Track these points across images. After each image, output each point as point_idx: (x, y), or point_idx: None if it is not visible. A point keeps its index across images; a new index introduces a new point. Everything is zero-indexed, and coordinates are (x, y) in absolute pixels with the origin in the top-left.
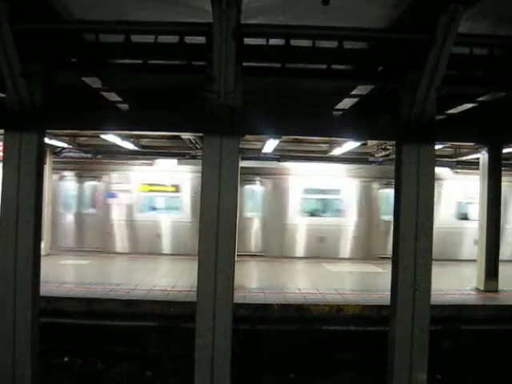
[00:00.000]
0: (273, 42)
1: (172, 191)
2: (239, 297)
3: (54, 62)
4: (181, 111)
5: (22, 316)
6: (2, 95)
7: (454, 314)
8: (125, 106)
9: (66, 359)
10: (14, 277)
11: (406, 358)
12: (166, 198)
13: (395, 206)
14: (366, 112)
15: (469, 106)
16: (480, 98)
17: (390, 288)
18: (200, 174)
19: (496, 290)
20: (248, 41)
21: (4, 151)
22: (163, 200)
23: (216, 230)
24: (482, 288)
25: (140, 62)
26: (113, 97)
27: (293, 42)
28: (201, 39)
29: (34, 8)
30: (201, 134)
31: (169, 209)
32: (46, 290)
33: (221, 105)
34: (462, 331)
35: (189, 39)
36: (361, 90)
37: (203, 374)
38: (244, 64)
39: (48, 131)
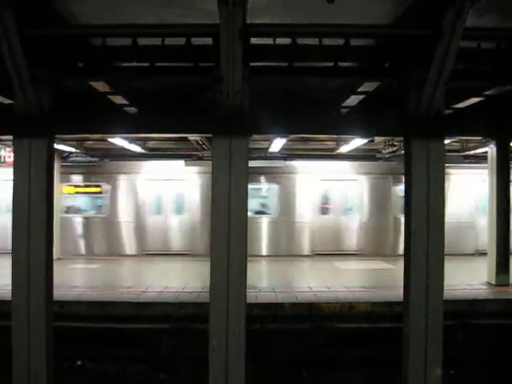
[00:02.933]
0: (279, 41)
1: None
2: None
3: (61, 67)
4: (189, 113)
5: (36, 321)
6: (10, 101)
7: (466, 309)
8: (132, 109)
9: None
10: (28, 282)
11: (421, 353)
12: None
13: (406, 202)
14: (373, 109)
15: (476, 100)
16: (487, 92)
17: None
18: None
19: (508, 284)
20: (254, 40)
21: (14, 157)
22: None
23: (227, 230)
24: (493, 282)
25: (147, 64)
26: (120, 100)
27: (299, 41)
28: (208, 40)
29: (40, 14)
30: (209, 135)
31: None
32: None
33: (229, 105)
34: (474, 326)
35: (196, 41)
36: (367, 86)
37: (218, 375)
38: (251, 64)
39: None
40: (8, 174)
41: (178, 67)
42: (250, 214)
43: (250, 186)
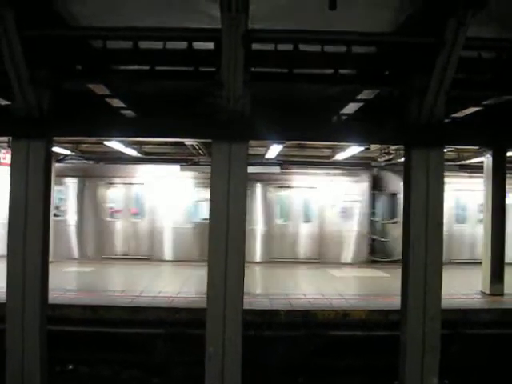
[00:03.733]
0: (280, 47)
1: None
2: None
3: (61, 69)
4: (189, 117)
5: (30, 324)
6: (7, 102)
7: (460, 319)
8: (130, 113)
9: None
10: (23, 285)
11: (417, 361)
12: None
13: (405, 210)
14: (372, 116)
15: (474, 109)
16: (486, 102)
17: None
18: None
19: (502, 294)
20: (256, 46)
21: (12, 159)
22: None
23: (225, 235)
24: (487, 291)
25: (148, 68)
26: (119, 103)
27: (300, 47)
28: (209, 45)
29: (41, 15)
30: (207, 140)
31: None
32: None
33: (230, 110)
34: (468, 335)
35: (197, 45)
36: (366, 94)
37: (214, 381)
38: (252, 70)
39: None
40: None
41: (178, 71)
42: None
43: None
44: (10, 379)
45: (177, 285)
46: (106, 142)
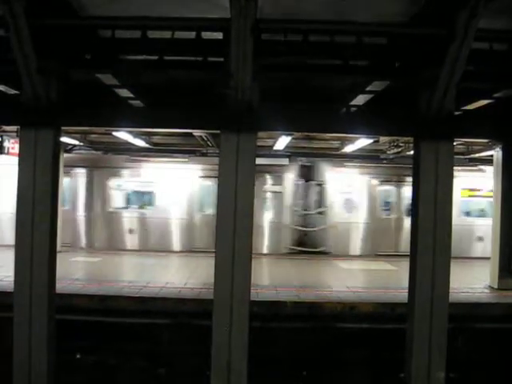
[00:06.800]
0: (290, 37)
1: None
2: None
3: (69, 58)
4: (197, 108)
5: (38, 313)
6: (15, 92)
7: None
8: (138, 103)
9: None
10: (31, 274)
11: (424, 356)
12: None
13: (413, 203)
14: (381, 108)
15: (485, 102)
16: (497, 94)
17: None
18: None
19: (511, 288)
20: (265, 36)
21: (20, 148)
22: None
23: (233, 226)
24: (495, 286)
25: (156, 57)
26: (127, 93)
27: (310, 38)
28: (218, 35)
29: (50, 4)
30: (215, 131)
31: None
32: None
33: (238, 101)
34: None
35: (206, 35)
36: (376, 85)
37: (220, 372)
38: (261, 60)
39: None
40: None
41: (186, 61)
42: None
43: None
44: (16, 368)
45: None
46: (114, 133)
